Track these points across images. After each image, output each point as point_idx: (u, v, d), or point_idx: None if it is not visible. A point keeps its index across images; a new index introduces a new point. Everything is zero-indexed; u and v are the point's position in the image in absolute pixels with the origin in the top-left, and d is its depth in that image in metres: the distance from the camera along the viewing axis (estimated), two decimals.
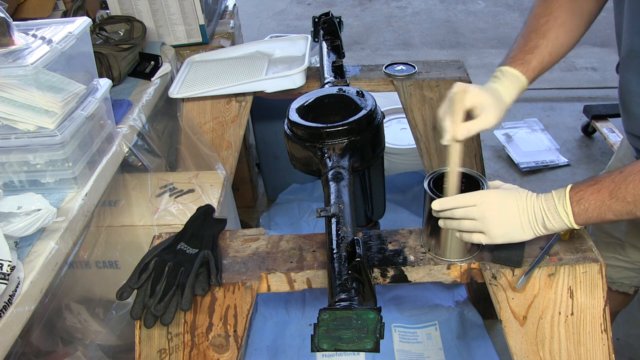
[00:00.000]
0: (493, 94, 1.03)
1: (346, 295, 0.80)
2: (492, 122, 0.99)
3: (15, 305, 0.96)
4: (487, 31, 4.54)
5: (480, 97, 0.98)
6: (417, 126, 1.74)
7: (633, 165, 0.87)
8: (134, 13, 1.91)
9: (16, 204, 1.08)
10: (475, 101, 0.98)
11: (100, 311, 1.51)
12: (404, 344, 1.82)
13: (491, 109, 0.99)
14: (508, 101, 1.05)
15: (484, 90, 1.01)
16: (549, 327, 0.99)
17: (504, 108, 1.03)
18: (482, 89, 1.00)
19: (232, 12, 2.38)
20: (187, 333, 1.02)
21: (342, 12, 4.60)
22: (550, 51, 1.10)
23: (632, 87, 1.06)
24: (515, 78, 1.07)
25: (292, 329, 1.87)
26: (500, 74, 1.08)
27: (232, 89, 1.69)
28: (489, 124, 0.99)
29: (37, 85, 1.12)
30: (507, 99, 1.05)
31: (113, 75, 1.67)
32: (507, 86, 1.06)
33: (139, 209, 1.50)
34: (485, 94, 1.00)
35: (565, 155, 2.95)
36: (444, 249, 1.04)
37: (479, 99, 0.98)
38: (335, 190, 1.02)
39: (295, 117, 1.16)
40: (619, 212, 0.87)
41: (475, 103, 0.98)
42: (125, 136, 1.48)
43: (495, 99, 1.01)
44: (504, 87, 1.06)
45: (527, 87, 1.09)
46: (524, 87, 1.09)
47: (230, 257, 1.10)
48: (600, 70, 3.78)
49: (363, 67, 1.82)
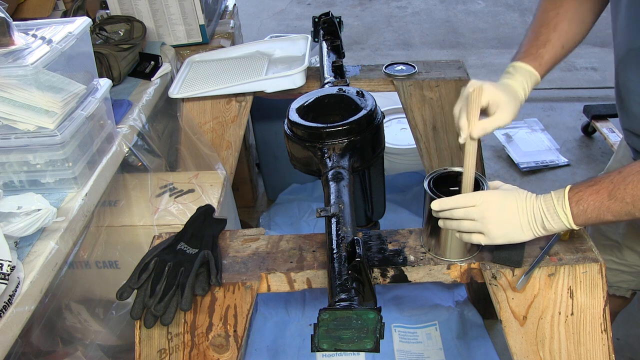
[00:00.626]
0: (507, 90, 1.02)
1: (346, 295, 0.80)
2: (507, 120, 0.99)
3: (15, 305, 0.96)
4: (487, 31, 4.54)
5: (495, 94, 0.98)
6: (417, 126, 1.74)
7: (632, 165, 0.87)
8: (134, 13, 1.91)
9: (16, 204, 1.08)
10: (490, 99, 0.97)
11: (100, 311, 1.51)
12: (404, 344, 1.82)
13: (506, 106, 0.99)
14: (522, 97, 1.05)
15: (498, 87, 1.00)
16: (549, 327, 0.99)
17: (519, 104, 1.03)
18: (496, 86, 1.00)
19: (232, 12, 2.38)
20: (187, 333, 1.02)
21: (342, 12, 4.60)
22: (562, 44, 1.10)
23: (631, 86, 1.05)
24: (528, 73, 1.07)
25: (292, 329, 1.87)
26: (513, 69, 1.08)
27: (232, 89, 1.69)
28: (504, 121, 0.98)
29: (37, 85, 1.12)
30: (521, 94, 1.05)
31: (113, 75, 1.67)
32: (521, 82, 1.06)
33: (139, 209, 1.50)
34: (499, 91, 0.99)
35: (565, 155, 2.95)
36: (444, 249, 1.03)
37: (494, 96, 0.98)
38: (335, 190, 1.02)
39: (295, 117, 1.16)
40: (617, 212, 0.86)
41: (491, 100, 0.97)
42: (125, 136, 1.48)
43: (510, 96, 1.01)
44: (517, 82, 1.06)
45: (540, 81, 1.09)
46: (537, 82, 1.08)
47: (230, 257, 1.10)
48: (600, 70, 3.78)
49: (363, 67, 1.82)
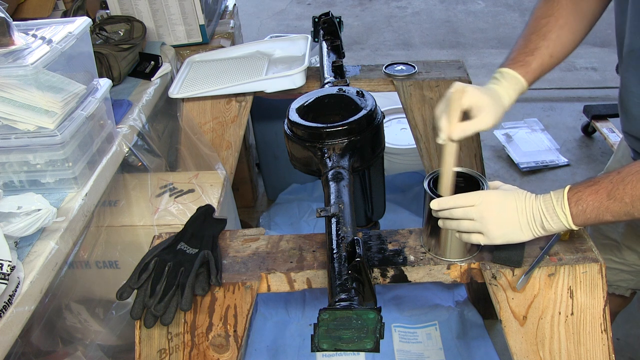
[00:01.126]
0: (491, 95, 1.02)
1: (346, 295, 0.80)
2: (488, 124, 0.98)
3: (15, 305, 0.96)
4: (487, 31, 4.54)
5: (478, 97, 0.97)
6: (417, 126, 1.74)
7: (631, 166, 0.87)
8: (134, 13, 1.91)
9: (16, 204, 1.08)
10: (473, 102, 0.97)
11: (100, 311, 1.51)
12: (404, 344, 1.82)
13: (488, 110, 0.98)
14: (507, 103, 1.04)
15: (482, 91, 1.00)
16: (549, 327, 0.99)
17: (502, 110, 1.03)
18: (480, 90, 0.99)
19: (232, 12, 2.38)
20: (187, 333, 1.02)
21: (342, 12, 4.60)
22: (551, 53, 1.09)
23: (631, 88, 1.05)
24: (515, 80, 1.06)
25: (292, 329, 1.87)
26: (500, 75, 1.07)
27: (232, 89, 1.69)
28: (485, 125, 0.98)
29: (37, 85, 1.12)
30: (506, 100, 1.04)
31: (113, 75, 1.67)
32: (506, 88, 1.05)
33: (139, 209, 1.50)
34: (483, 94, 0.99)
35: (565, 155, 2.95)
36: (444, 249, 1.03)
37: (477, 99, 0.97)
38: (335, 190, 1.02)
39: (295, 117, 1.16)
40: (616, 212, 0.86)
41: (473, 103, 0.97)
42: (125, 136, 1.48)
43: (494, 100, 1.01)
44: (503, 88, 1.05)
45: (527, 89, 1.08)
46: (523, 89, 1.08)
47: (230, 257, 1.10)
48: (600, 70, 3.78)
49: (363, 67, 1.82)
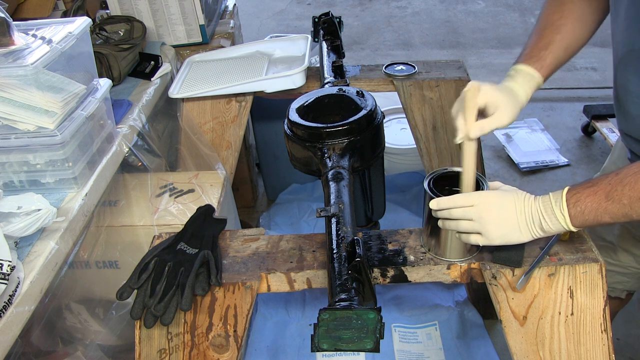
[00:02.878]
0: (507, 92, 1.02)
1: (346, 295, 0.80)
2: (505, 121, 0.98)
3: (15, 305, 0.96)
4: (487, 31, 4.54)
5: (494, 95, 0.97)
6: (417, 126, 1.74)
7: (629, 167, 0.87)
8: (134, 13, 1.91)
9: (16, 204, 1.08)
10: (488, 99, 0.97)
11: (100, 311, 1.51)
12: (404, 344, 1.82)
13: (505, 108, 0.98)
14: (523, 100, 1.05)
15: (497, 88, 1.00)
16: (549, 327, 0.99)
17: (519, 107, 1.03)
18: (495, 87, 0.99)
19: (232, 12, 2.38)
20: (187, 333, 1.02)
21: (342, 12, 4.60)
22: (566, 45, 1.09)
23: (630, 87, 1.05)
24: (530, 76, 1.07)
25: (292, 329, 1.86)
26: (515, 72, 1.08)
27: (232, 89, 1.69)
28: (502, 122, 0.98)
29: (37, 85, 1.12)
30: (522, 97, 1.04)
31: (113, 75, 1.67)
32: (522, 84, 1.05)
33: (139, 209, 1.50)
34: (498, 92, 0.99)
35: (565, 155, 2.95)
36: (443, 249, 1.03)
37: (492, 97, 0.97)
38: (335, 190, 1.02)
39: (295, 117, 1.16)
40: (615, 214, 0.86)
41: (488, 101, 0.97)
42: (125, 136, 1.48)
43: (509, 98, 1.01)
44: (518, 85, 1.05)
45: (542, 84, 1.08)
46: (539, 85, 1.08)
47: (230, 257, 1.10)
48: (600, 70, 3.78)
49: (363, 67, 1.82)
